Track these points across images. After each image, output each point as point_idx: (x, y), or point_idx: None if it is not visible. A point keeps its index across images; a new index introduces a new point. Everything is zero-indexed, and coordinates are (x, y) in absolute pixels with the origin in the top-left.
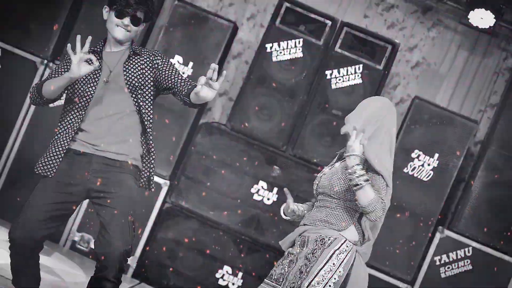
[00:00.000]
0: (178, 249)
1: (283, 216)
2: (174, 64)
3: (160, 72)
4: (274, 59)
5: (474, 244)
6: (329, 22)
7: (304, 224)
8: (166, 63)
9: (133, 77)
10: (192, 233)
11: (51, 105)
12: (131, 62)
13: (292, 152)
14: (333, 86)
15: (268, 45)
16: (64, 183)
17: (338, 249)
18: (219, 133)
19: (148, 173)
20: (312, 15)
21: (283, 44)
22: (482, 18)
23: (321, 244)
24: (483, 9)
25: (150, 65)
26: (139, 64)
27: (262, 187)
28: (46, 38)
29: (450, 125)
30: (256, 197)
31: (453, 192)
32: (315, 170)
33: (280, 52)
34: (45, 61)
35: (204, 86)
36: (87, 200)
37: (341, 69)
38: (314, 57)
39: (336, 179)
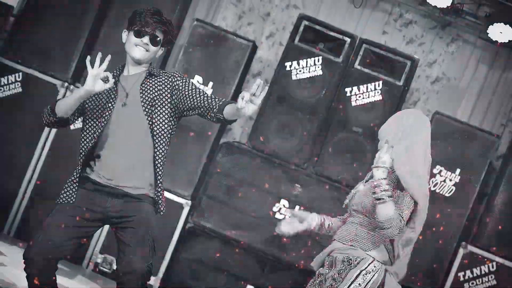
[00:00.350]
0: (201, 269)
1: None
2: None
3: (182, 92)
4: (293, 77)
5: (498, 259)
6: (348, 39)
7: (334, 240)
8: (187, 83)
9: (149, 97)
10: (214, 252)
11: (59, 127)
12: (148, 83)
13: (313, 169)
14: (353, 103)
15: (287, 64)
16: (82, 209)
17: (364, 269)
18: (240, 152)
19: (156, 197)
20: (331, 33)
21: (303, 62)
22: (501, 32)
23: (348, 265)
24: (502, 23)
25: (169, 86)
26: (156, 84)
27: (283, 205)
28: (66, 61)
29: (471, 140)
30: (278, 215)
31: (476, 207)
32: (337, 188)
33: (300, 70)
34: (66, 84)
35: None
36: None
37: (361, 86)
38: (333, 75)
39: (370, 198)
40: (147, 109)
